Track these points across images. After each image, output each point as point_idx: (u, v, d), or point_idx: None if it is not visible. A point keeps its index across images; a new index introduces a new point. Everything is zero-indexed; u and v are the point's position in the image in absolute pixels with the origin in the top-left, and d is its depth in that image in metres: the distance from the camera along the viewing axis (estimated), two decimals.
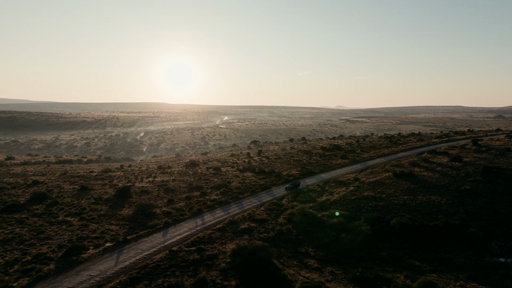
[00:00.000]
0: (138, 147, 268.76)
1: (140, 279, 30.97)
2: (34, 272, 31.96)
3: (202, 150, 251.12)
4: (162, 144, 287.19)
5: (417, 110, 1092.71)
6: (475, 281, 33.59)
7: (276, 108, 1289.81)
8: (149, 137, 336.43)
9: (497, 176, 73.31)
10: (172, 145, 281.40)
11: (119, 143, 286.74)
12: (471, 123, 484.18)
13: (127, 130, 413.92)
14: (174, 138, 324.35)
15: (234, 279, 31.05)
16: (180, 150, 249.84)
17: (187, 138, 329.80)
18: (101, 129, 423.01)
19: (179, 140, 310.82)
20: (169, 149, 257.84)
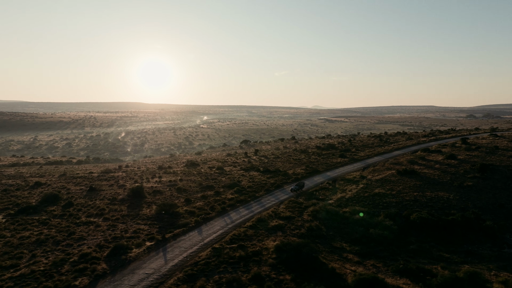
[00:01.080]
0: (122, 148, 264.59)
1: (196, 275, 31.62)
2: (89, 271, 32.06)
3: (188, 150, 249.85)
4: (146, 144, 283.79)
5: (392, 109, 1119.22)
6: (506, 271, 35.93)
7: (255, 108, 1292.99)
8: (131, 137, 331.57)
9: (493, 173, 77.15)
10: (156, 145, 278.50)
11: (101, 144, 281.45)
12: (446, 122, 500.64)
13: (107, 131, 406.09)
14: (157, 138, 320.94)
15: (286, 273, 32.16)
16: (166, 150, 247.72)
17: (170, 138, 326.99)
18: (80, 130, 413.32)
19: (163, 140, 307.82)
20: (154, 149, 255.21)
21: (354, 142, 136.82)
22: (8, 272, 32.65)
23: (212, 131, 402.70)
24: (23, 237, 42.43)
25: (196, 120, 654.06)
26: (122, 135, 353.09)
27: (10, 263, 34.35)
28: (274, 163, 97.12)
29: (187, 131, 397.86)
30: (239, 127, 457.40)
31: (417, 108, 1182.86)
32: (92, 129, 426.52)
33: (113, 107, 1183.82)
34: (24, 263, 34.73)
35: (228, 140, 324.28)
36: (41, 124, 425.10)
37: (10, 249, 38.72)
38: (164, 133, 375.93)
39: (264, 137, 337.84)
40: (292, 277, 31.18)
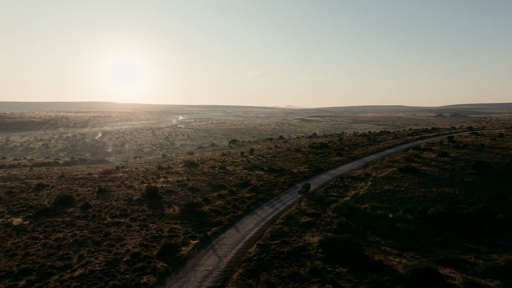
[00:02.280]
0: (102, 148, 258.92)
1: (256, 271, 32.66)
2: (150, 270, 32.47)
3: (171, 150, 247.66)
4: (127, 145, 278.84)
5: (364, 109, 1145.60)
6: None
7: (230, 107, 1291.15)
8: (109, 138, 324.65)
9: (487, 169, 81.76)
10: (137, 145, 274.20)
11: (79, 144, 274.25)
12: (418, 122, 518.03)
13: (82, 131, 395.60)
14: (137, 139, 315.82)
15: (340, 266, 33.72)
16: (148, 151, 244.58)
17: (150, 138, 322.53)
18: (54, 130, 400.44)
19: (143, 141, 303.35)
20: (136, 149, 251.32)
21: (344, 141, 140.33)
22: (66, 273, 32.56)
23: (191, 131, 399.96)
24: (59, 238, 42.00)
25: (172, 120, 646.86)
26: (99, 136, 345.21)
27: (62, 264, 34.18)
28: (275, 162, 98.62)
29: (166, 131, 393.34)
30: (218, 127, 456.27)
31: (388, 107, 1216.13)
32: (66, 129, 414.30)
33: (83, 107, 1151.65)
34: (77, 264, 34.64)
35: (209, 140, 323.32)
36: (11, 125, 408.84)
37: (52, 250, 38.37)
38: (143, 133, 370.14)
39: (244, 137, 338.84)
40: (348, 270, 32.76)
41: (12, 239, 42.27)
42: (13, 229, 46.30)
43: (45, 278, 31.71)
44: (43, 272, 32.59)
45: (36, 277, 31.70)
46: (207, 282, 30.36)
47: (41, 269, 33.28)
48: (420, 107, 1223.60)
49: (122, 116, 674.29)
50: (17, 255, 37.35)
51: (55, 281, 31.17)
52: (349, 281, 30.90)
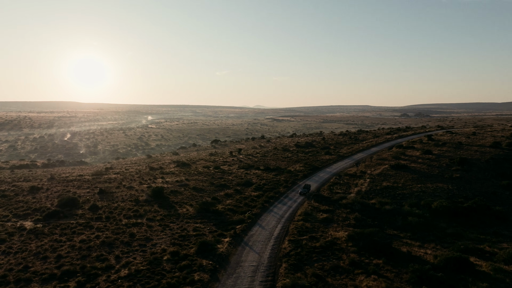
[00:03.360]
0: (74, 150, 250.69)
1: (298, 265, 33.96)
2: (197, 267, 32.98)
3: (148, 151, 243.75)
4: (99, 145, 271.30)
5: (331, 109, 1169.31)
6: None
7: (199, 107, 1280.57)
8: (79, 139, 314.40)
9: (471, 166, 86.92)
10: (110, 146, 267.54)
11: (49, 146, 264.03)
12: (385, 121, 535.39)
13: (49, 132, 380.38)
14: (109, 139, 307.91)
15: (375, 258, 35.60)
16: (124, 152, 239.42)
17: (123, 139, 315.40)
18: (18, 131, 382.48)
19: (116, 141, 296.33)
20: (111, 150, 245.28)
21: (327, 140, 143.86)
22: (111, 273, 32.52)
23: (163, 131, 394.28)
24: (84, 240, 41.47)
25: (142, 120, 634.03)
26: (68, 137, 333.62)
27: (103, 265, 34.03)
28: (267, 161, 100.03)
29: (138, 131, 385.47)
30: (190, 127, 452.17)
31: (354, 107, 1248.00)
32: (32, 130, 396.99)
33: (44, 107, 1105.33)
34: (117, 264, 34.59)
35: (184, 140, 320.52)
36: None
37: (83, 252, 37.97)
38: (114, 133, 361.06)
39: (219, 137, 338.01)
40: (384, 261, 34.70)
41: (35, 243, 41.32)
42: (29, 232, 45.14)
43: (92, 279, 31.56)
44: (88, 273, 32.36)
45: (83, 278, 31.47)
46: (258, 277, 31.35)
47: (84, 270, 33.01)
48: (385, 107, 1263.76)
49: (88, 116, 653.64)
50: (49, 258, 36.72)
51: (104, 281, 31.11)
52: (389, 271, 32.82)
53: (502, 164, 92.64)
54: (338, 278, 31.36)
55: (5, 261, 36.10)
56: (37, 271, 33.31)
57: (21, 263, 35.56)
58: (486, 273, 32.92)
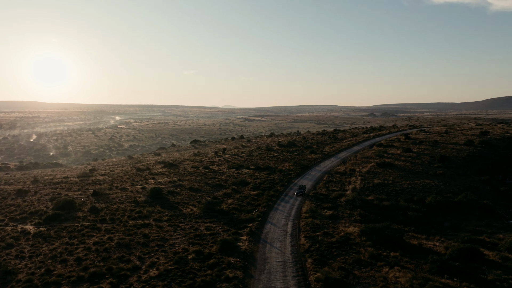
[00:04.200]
0: (43, 151, 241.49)
1: (322, 259, 35.24)
2: (226, 265, 33.51)
3: (121, 152, 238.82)
4: (70, 147, 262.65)
5: (300, 109, 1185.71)
6: None
7: (167, 107, 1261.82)
8: (46, 140, 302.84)
9: (450, 163, 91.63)
10: (82, 147, 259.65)
11: (15, 147, 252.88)
12: (355, 121, 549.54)
13: (12, 133, 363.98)
14: (79, 140, 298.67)
15: (391, 251, 37.45)
16: (97, 153, 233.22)
17: (93, 139, 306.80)
18: None
19: (86, 142, 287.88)
20: (83, 152, 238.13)
21: (307, 139, 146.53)
22: (140, 274, 32.53)
23: (134, 131, 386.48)
24: (97, 242, 40.97)
25: (110, 121, 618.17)
26: (34, 138, 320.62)
27: (130, 266, 33.93)
28: (255, 161, 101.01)
29: (107, 132, 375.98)
30: (162, 127, 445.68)
31: (323, 107, 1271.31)
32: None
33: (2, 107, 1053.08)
34: (143, 265, 34.56)
35: (157, 140, 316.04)
36: None
37: (103, 254, 37.61)
38: (83, 134, 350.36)
39: (193, 137, 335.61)
40: (400, 253, 36.62)
41: (46, 246, 40.39)
42: (35, 236, 44.00)
43: (123, 280, 31.44)
44: (117, 275, 32.17)
45: (114, 279, 31.29)
46: (289, 272, 32.37)
47: (111, 272, 32.76)
48: (352, 107, 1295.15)
49: (52, 117, 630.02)
50: (68, 261, 36.11)
51: (137, 281, 31.09)
52: (408, 262, 34.71)
53: (477, 160, 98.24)
54: (364, 271, 32.88)
55: (23, 265, 35.18)
56: (62, 274, 32.73)
57: (41, 266, 34.79)
58: (495, 262, 35.49)
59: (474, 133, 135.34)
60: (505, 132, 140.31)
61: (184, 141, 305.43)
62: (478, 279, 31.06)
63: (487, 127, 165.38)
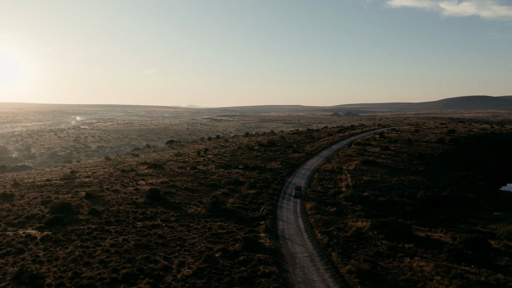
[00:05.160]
0: (3, 153, 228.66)
1: (345, 252, 36.96)
2: (257, 261, 34.29)
3: (90, 154, 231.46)
4: (33, 149, 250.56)
5: (265, 108, 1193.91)
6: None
7: (130, 107, 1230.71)
8: (5, 142, 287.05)
9: (428, 160, 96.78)
10: (46, 149, 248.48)
11: None
12: (321, 120, 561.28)
13: None
14: (42, 142, 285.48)
15: (405, 243, 39.72)
16: (64, 154, 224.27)
17: (57, 141, 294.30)
18: None
19: (50, 144, 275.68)
20: (49, 154, 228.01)
21: (286, 139, 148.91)
22: (174, 273, 32.69)
23: (100, 132, 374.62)
24: (114, 244, 40.45)
25: (71, 121, 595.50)
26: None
27: (160, 266, 33.95)
28: (241, 160, 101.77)
29: (70, 132, 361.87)
30: (127, 128, 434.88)
31: (287, 107, 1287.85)
32: None
33: None
34: (171, 264, 34.70)
35: (125, 141, 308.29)
36: None
37: (126, 255, 37.28)
38: (44, 135, 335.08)
39: (162, 137, 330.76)
40: (414, 245, 38.97)
41: (61, 250, 39.38)
42: (43, 240, 42.69)
43: (159, 279, 31.50)
44: (151, 275, 32.16)
45: (150, 279, 31.28)
46: (319, 265, 33.75)
47: (144, 272, 32.69)
48: (316, 107, 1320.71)
49: (7, 117, 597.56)
50: (92, 264, 35.55)
51: (175, 280, 31.27)
52: (424, 252, 37.07)
53: (451, 157, 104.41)
54: (387, 262, 34.81)
55: (45, 269, 34.26)
56: (93, 277, 32.27)
57: (66, 270, 34.05)
58: (499, 249, 38.59)
59: (443, 132, 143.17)
60: (469, 131, 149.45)
61: (154, 142, 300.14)
62: (492, 265, 33.82)
63: (451, 126, 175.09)
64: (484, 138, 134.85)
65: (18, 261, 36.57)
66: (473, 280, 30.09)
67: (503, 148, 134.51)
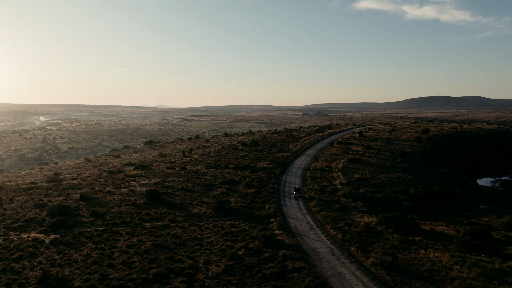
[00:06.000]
0: None
1: (363, 247, 38.52)
2: (282, 257, 35.17)
3: (62, 155, 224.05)
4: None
5: (236, 108, 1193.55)
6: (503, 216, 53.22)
7: (96, 107, 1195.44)
8: None
9: (410, 157, 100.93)
10: (13, 151, 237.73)
11: None
12: (293, 120, 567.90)
13: None
14: (6, 143, 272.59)
15: (414, 236, 41.83)
16: (34, 156, 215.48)
17: (23, 142, 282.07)
18: None
19: (17, 145, 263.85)
20: (18, 155, 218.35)
21: (268, 139, 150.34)
22: (204, 271, 33.03)
23: (68, 133, 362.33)
24: (131, 246, 40.17)
25: (35, 122, 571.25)
26: None
27: (187, 265, 34.15)
28: (229, 160, 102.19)
29: (37, 134, 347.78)
30: (97, 128, 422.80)
31: (258, 107, 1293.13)
32: None
33: None
34: (197, 263, 35.01)
35: (97, 142, 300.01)
36: None
37: (147, 255, 37.18)
38: (8, 137, 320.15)
39: (135, 138, 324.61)
40: (423, 238, 41.12)
41: (76, 253, 38.68)
42: (53, 243, 41.70)
43: (192, 277, 31.75)
44: (182, 273, 32.35)
45: (183, 278, 31.50)
46: (342, 259, 35.12)
47: (174, 271, 32.86)
48: (285, 107, 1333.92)
49: None
50: (115, 265, 35.24)
51: (206, 278, 31.64)
52: (435, 244, 39.22)
53: (430, 155, 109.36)
54: (404, 254, 36.67)
55: (69, 272, 33.63)
56: (122, 277, 32.05)
57: (91, 272, 33.61)
58: (499, 239, 41.39)
59: (417, 131, 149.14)
60: (441, 130, 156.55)
61: (127, 142, 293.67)
62: (500, 254, 36.38)
63: (423, 125, 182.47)
64: (456, 136, 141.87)
65: (36, 265, 35.67)
66: (489, 268, 32.37)
67: (473, 146, 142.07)
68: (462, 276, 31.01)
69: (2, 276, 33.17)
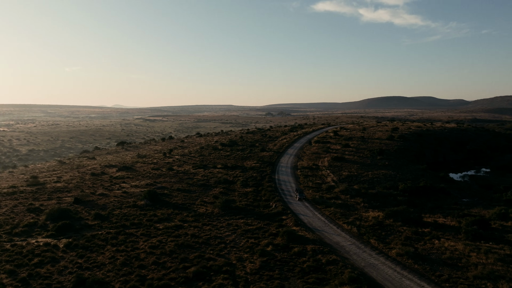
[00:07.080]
0: None
1: (381, 239, 40.67)
2: (311, 252, 36.41)
3: (23, 158, 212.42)
4: None
5: (197, 108, 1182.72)
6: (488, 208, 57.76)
7: (50, 107, 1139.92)
8: None
9: (388, 155, 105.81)
10: None
11: None
12: (257, 120, 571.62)
13: None
14: None
15: (420, 228, 44.66)
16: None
17: None
18: None
19: None
20: None
21: (245, 138, 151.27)
22: (240, 268, 33.76)
23: (24, 135, 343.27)
24: (155, 246, 40.06)
25: None
26: None
27: (221, 263, 34.70)
28: (214, 160, 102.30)
29: None
30: (54, 129, 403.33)
31: (220, 107, 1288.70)
32: None
33: None
34: (230, 261, 35.62)
35: (58, 144, 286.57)
36: None
37: (176, 255, 37.31)
38: None
39: (98, 139, 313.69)
40: (431, 229, 44.03)
41: (100, 256, 38.07)
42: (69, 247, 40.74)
43: (231, 274, 32.39)
44: (220, 271, 32.93)
45: (224, 274, 32.07)
46: (368, 251, 37.09)
47: (212, 269, 33.37)
48: (247, 107, 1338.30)
49: None
50: (146, 266, 35.16)
51: (246, 274, 32.42)
52: (444, 234, 42.16)
53: (405, 153, 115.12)
54: (421, 244, 39.24)
55: (102, 275, 33.12)
56: (160, 278, 32.07)
57: (125, 274, 33.31)
58: (497, 228, 45.17)
59: (387, 130, 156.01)
60: (408, 128, 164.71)
61: (90, 144, 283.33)
62: (505, 241, 39.87)
63: (391, 124, 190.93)
64: (424, 134, 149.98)
65: (62, 269, 34.79)
66: (503, 254, 35.54)
67: (439, 144, 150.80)
68: (482, 262, 33.90)
69: (32, 282, 32.15)
